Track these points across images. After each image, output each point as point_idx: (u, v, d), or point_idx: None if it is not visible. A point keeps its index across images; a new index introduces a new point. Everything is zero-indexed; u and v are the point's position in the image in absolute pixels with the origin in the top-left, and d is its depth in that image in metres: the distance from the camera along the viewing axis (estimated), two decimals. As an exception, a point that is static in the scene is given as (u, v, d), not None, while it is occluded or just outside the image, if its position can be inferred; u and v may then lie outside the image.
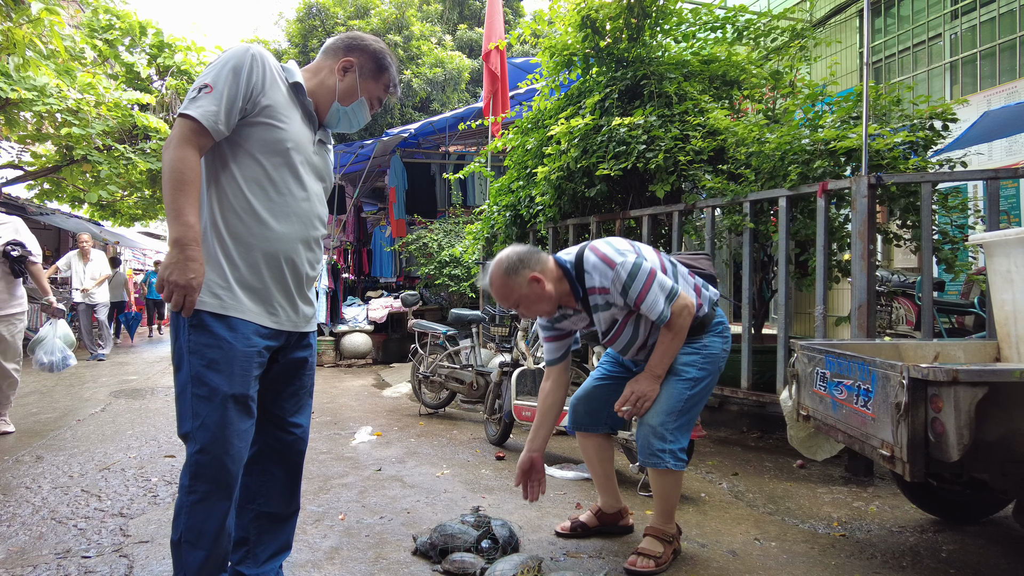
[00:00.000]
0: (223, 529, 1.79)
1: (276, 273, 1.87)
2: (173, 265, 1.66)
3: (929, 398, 1.90)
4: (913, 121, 4.00)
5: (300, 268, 1.94)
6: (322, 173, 2.03)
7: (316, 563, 2.42)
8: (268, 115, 1.83)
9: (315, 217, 1.98)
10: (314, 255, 2.01)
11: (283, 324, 1.92)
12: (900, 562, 2.45)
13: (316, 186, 1.99)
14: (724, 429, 4.68)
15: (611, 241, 2.39)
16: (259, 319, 1.85)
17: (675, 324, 2.29)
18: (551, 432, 2.60)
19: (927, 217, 3.41)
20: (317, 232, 2.00)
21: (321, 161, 2.02)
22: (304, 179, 1.92)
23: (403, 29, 14.45)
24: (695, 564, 2.43)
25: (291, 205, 1.89)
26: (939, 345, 2.88)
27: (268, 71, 1.83)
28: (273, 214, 1.85)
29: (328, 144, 2.11)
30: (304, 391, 2.10)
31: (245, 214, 1.82)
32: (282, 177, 1.87)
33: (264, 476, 2.05)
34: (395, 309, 9.51)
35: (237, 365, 1.78)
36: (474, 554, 2.36)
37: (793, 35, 5.33)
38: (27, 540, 2.63)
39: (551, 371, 2.59)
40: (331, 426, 4.91)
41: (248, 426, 1.83)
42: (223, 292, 1.79)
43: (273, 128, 1.83)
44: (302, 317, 1.99)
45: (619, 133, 4.41)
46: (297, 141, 1.89)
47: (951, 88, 6.15)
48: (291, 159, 1.87)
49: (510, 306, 2.37)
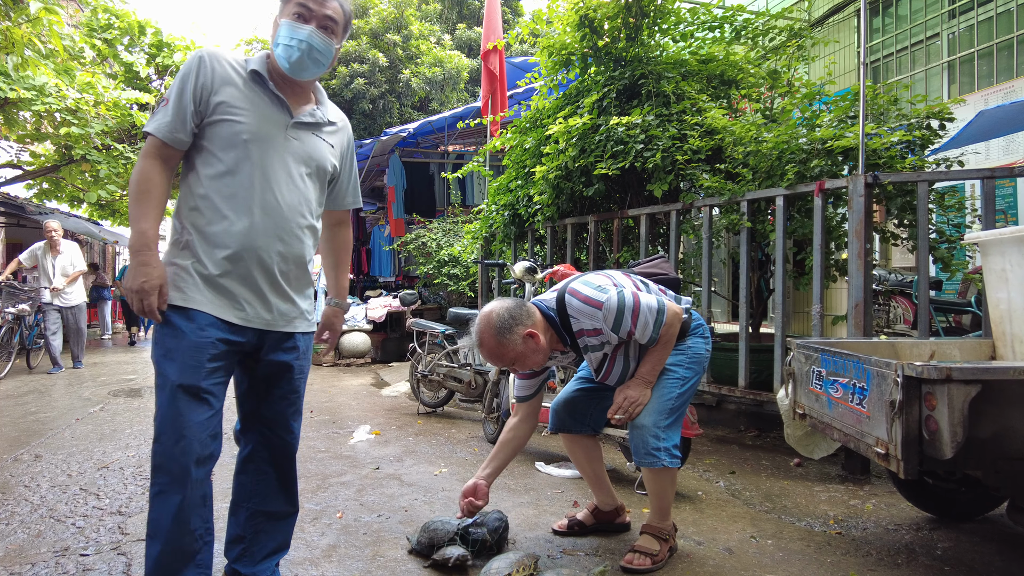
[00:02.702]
0: (179, 523, 1.76)
1: (240, 268, 1.84)
2: (129, 272, 1.77)
3: (923, 396, 1.91)
4: (910, 120, 4.01)
5: (268, 262, 1.87)
6: (305, 157, 1.95)
7: (314, 560, 2.42)
8: (223, 112, 1.82)
9: (292, 207, 1.91)
10: (291, 248, 1.92)
11: (251, 321, 1.88)
12: (895, 559, 2.46)
13: (296, 171, 1.92)
14: (721, 428, 4.69)
15: (587, 280, 2.37)
16: (221, 312, 1.83)
17: (665, 334, 2.31)
18: (505, 465, 2.61)
19: (923, 216, 3.42)
20: (296, 222, 1.92)
21: (302, 145, 1.94)
22: (271, 169, 1.87)
23: (402, 28, 14.45)
24: (691, 562, 2.44)
25: (255, 198, 1.84)
26: (935, 343, 2.89)
27: (218, 69, 1.84)
28: (234, 208, 1.82)
29: (320, 124, 2.01)
30: (293, 397, 2.05)
31: (207, 210, 1.82)
32: (243, 170, 1.83)
33: (258, 475, 2.05)
34: (394, 308, 9.51)
35: (188, 355, 1.77)
36: (459, 545, 2.37)
37: (791, 35, 5.34)
38: (25, 538, 2.63)
39: (521, 407, 2.58)
40: (329, 425, 4.92)
41: (203, 419, 1.79)
42: (186, 285, 1.81)
43: (229, 123, 1.82)
44: (278, 315, 1.93)
45: (617, 132, 4.42)
46: (257, 131, 1.85)
47: (949, 87, 6.16)
48: (250, 151, 1.83)
49: (504, 365, 2.35)
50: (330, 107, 2.10)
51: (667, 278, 2.66)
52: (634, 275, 2.52)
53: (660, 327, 2.28)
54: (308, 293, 2.06)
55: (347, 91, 13.52)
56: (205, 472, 1.82)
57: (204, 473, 1.81)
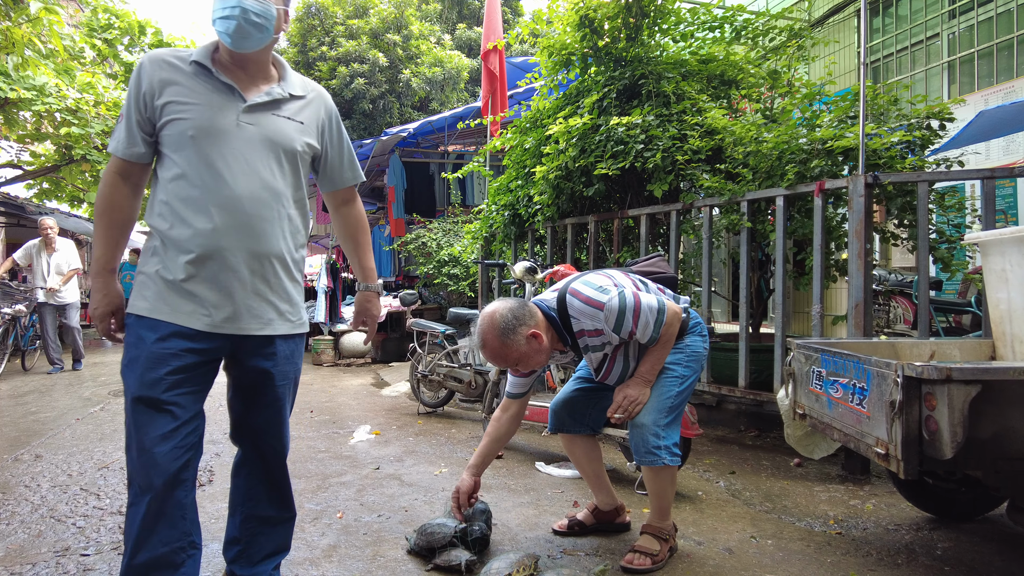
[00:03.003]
0: (150, 534, 1.71)
1: (206, 272, 1.76)
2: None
3: (923, 396, 1.91)
4: (910, 120, 4.01)
5: (235, 263, 1.77)
6: (266, 142, 1.82)
7: (314, 561, 2.43)
8: (169, 112, 1.76)
9: (257, 200, 1.79)
10: (263, 244, 1.81)
11: (220, 327, 1.78)
12: (895, 559, 2.46)
13: (258, 159, 1.80)
14: (722, 428, 4.69)
15: (587, 280, 2.37)
16: (186, 320, 1.75)
17: (665, 334, 2.31)
18: (492, 458, 2.62)
19: (923, 216, 3.42)
20: (262, 215, 1.79)
21: (260, 130, 1.81)
22: (225, 163, 1.75)
23: (402, 28, 14.45)
24: (691, 562, 2.44)
25: (212, 197, 1.74)
26: (935, 344, 2.89)
27: (158, 72, 1.77)
28: (192, 210, 1.74)
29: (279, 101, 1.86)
30: (278, 405, 1.96)
31: (168, 215, 1.76)
32: (195, 169, 1.75)
33: (250, 480, 2.02)
34: (394, 308, 9.51)
35: (146, 366, 1.71)
36: (460, 547, 2.37)
37: (791, 35, 5.34)
38: (26, 538, 2.64)
39: (511, 404, 2.57)
40: (330, 425, 4.92)
41: (165, 431, 1.71)
42: (150, 293, 1.76)
43: (175, 122, 1.75)
44: (251, 318, 1.82)
45: (617, 132, 4.42)
46: (204, 124, 1.75)
47: (949, 87, 6.16)
48: (199, 147, 1.74)
49: (507, 366, 2.34)
50: (295, 80, 1.94)
51: (665, 277, 2.67)
52: (633, 274, 2.53)
53: (660, 327, 2.29)
54: (291, 292, 1.93)
55: (347, 91, 13.52)
56: (174, 484, 1.73)
57: (173, 485, 1.73)
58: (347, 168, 2.09)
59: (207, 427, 1.87)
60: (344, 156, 2.07)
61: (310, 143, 1.92)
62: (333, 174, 2.07)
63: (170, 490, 1.72)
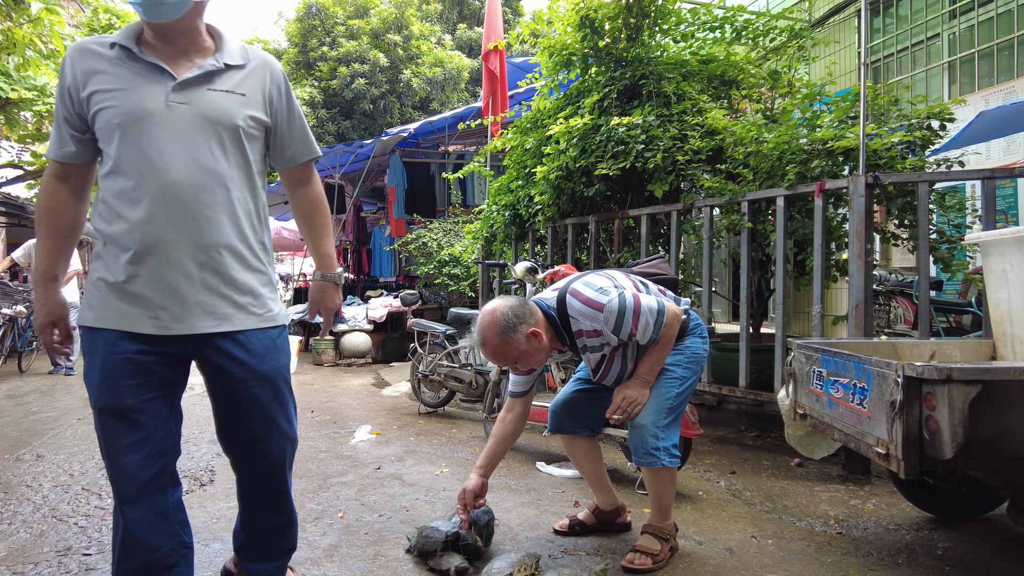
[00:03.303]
0: (134, 541, 1.67)
1: (146, 270, 1.63)
2: None
3: (923, 396, 1.91)
4: (911, 121, 4.02)
5: (178, 257, 1.63)
6: (201, 120, 1.66)
7: (315, 560, 2.43)
8: (95, 103, 1.63)
9: (194, 186, 1.64)
10: (207, 234, 1.66)
11: (170, 328, 1.65)
12: (896, 559, 2.47)
13: (194, 141, 1.64)
14: (722, 428, 4.70)
15: (588, 281, 2.37)
16: (134, 325, 1.64)
17: (664, 335, 2.32)
18: (500, 459, 2.59)
19: (924, 216, 3.43)
20: (204, 200, 1.65)
21: (192, 108, 1.65)
22: (156, 148, 1.61)
23: (403, 29, 14.46)
24: (692, 561, 2.44)
25: (144, 188, 1.61)
26: (935, 344, 2.89)
27: (81, 62, 1.65)
28: (127, 204, 1.62)
29: (213, 73, 1.70)
30: (258, 409, 1.78)
31: (106, 212, 1.65)
32: (126, 160, 1.62)
33: (244, 483, 1.93)
34: (395, 308, 9.52)
35: (104, 375, 1.63)
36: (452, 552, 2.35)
37: (791, 35, 5.35)
38: (28, 538, 2.64)
39: (515, 403, 2.56)
40: (330, 425, 4.93)
41: (134, 440, 1.64)
42: (96, 301, 1.67)
43: (102, 112, 1.63)
44: (204, 315, 1.68)
45: (618, 133, 4.42)
46: (129, 111, 1.61)
47: (949, 88, 6.17)
48: (128, 135, 1.61)
49: (507, 364, 2.34)
50: (233, 49, 1.77)
51: (665, 278, 2.67)
52: (633, 275, 2.53)
53: (660, 328, 2.29)
54: (252, 283, 1.76)
55: (348, 91, 13.53)
56: (151, 492, 1.66)
57: (150, 493, 1.66)
58: (299, 142, 1.88)
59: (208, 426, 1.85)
60: (295, 129, 1.87)
61: (255, 116, 1.75)
62: (282, 150, 1.87)
63: (148, 498, 1.66)
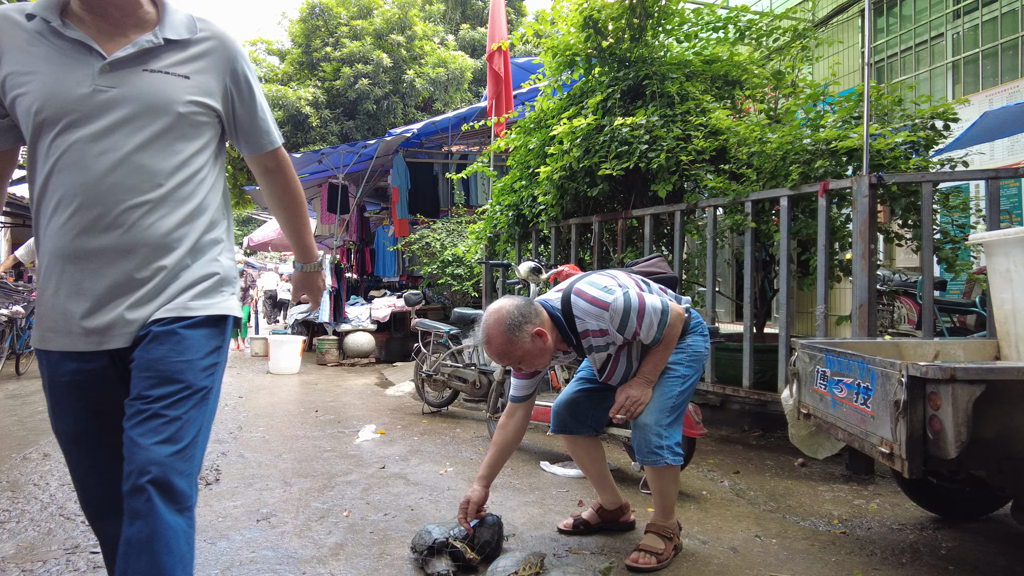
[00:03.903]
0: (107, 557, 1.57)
1: (68, 280, 1.42)
2: None
3: (927, 396, 1.92)
4: (914, 121, 4.02)
5: (97, 265, 1.41)
6: (138, 102, 1.41)
7: (321, 559, 2.44)
8: (12, 86, 1.40)
9: (119, 186, 1.40)
10: (131, 236, 1.41)
11: (103, 343, 1.44)
12: (900, 559, 2.47)
13: (124, 129, 1.41)
14: (725, 428, 4.70)
15: (592, 280, 2.37)
16: (69, 344, 1.44)
17: (668, 335, 2.33)
18: (501, 466, 2.56)
19: (928, 217, 3.43)
20: (130, 202, 1.41)
21: (124, 92, 1.40)
22: (77, 143, 1.39)
23: (406, 29, 14.49)
24: (696, 560, 2.45)
25: (67, 187, 1.39)
26: (939, 344, 2.90)
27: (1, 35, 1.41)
28: (49, 205, 1.43)
29: (150, 50, 1.44)
30: (157, 406, 1.38)
31: (36, 219, 1.47)
32: (46, 156, 1.41)
33: None
34: (398, 308, 9.54)
35: (52, 398, 1.49)
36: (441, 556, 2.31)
37: (795, 35, 5.35)
38: (36, 536, 2.66)
39: (516, 408, 2.54)
40: (335, 424, 4.94)
41: (91, 463, 1.50)
42: (37, 319, 1.49)
43: (20, 99, 1.39)
44: (106, 326, 1.43)
45: (621, 133, 4.43)
46: (49, 97, 1.37)
47: (953, 88, 6.16)
48: (48, 126, 1.39)
49: (511, 363, 2.33)
50: (176, 21, 1.50)
51: (665, 277, 2.68)
52: (634, 275, 2.54)
53: (664, 327, 2.30)
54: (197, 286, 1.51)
55: (351, 92, 13.56)
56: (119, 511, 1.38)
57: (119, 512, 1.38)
58: (262, 132, 1.64)
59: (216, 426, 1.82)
60: (256, 117, 1.62)
61: (200, 102, 1.49)
62: (244, 138, 1.63)
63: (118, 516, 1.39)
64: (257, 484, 3.38)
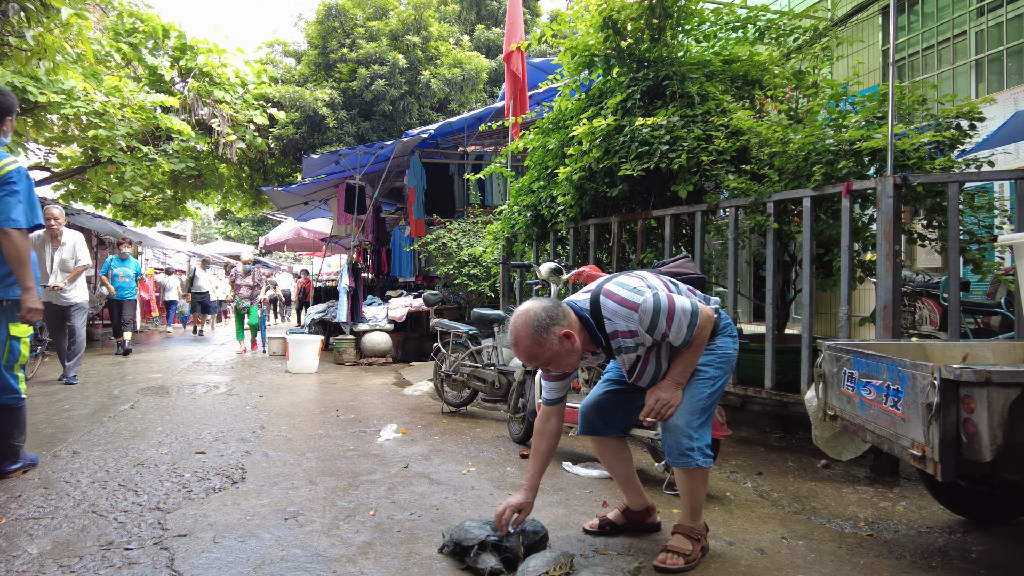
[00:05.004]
0: None
1: None
2: None
3: (961, 399, 1.91)
4: (939, 120, 3.98)
5: None
6: None
7: (351, 558, 2.47)
8: None
9: None
10: None
11: None
12: (930, 562, 2.46)
13: None
14: (746, 429, 4.69)
15: (620, 281, 2.38)
16: None
17: (698, 337, 2.32)
18: (544, 471, 2.57)
19: (954, 217, 3.40)
20: None
21: None
22: None
23: (421, 30, 14.53)
24: (724, 562, 2.45)
25: None
26: (967, 346, 2.87)
27: None
28: None
29: None
30: None
31: None
32: None
33: None
34: (415, 308, 9.58)
35: None
36: (490, 552, 2.36)
37: (815, 34, 5.32)
38: (71, 532, 2.71)
39: (550, 411, 2.56)
40: (356, 423, 4.98)
41: None
42: None
43: None
44: None
45: (642, 133, 4.43)
46: None
47: (976, 86, 6.10)
48: None
49: (539, 365, 2.35)
50: None
51: (693, 277, 2.68)
52: (662, 276, 2.54)
53: (694, 329, 2.30)
54: None
55: (367, 93, 13.62)
56: None
57: None
58: None
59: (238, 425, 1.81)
60: None
61: None
62: None
63: None
64: (283, 483, 3.42)
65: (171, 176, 13.02)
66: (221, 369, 8.49)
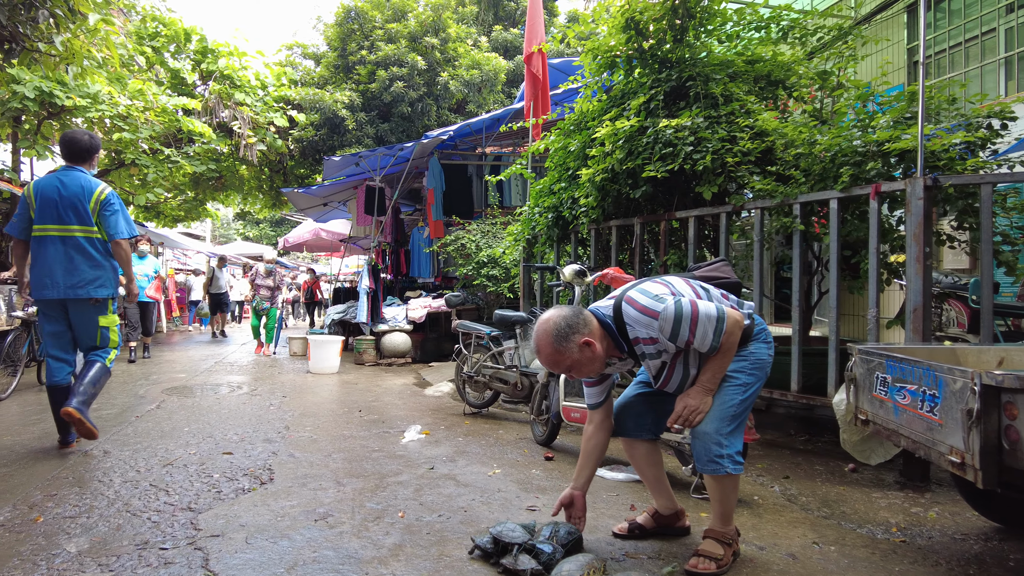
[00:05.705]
0: None
1: None
2: None
3: (1003, 405, 1.88)
4: (969, 120, 3.92)
5: None
6: None
7: (382, 560, 2.49)
8: None
9: None
10: None
11: None
12: (966, 570, 2.42)
13: None
14: (771, 432, 4.66)
15: (644, 289, 2.38)
16: None
17: (726, 343, 2.30)
18: (594, 472, 2.65)
19: (987, 219, 3.35)
20: None
21: None
22: None
23: (440, 31, 14.58)
24: (755, 566, 2.44)
25: None
26: (1003, 350, 2.83)
27: None
28: None
29: None
30: None
31: None
32: None
33: None
34: (434, 309, 9.62)
35: None
36: (528, 554, 2.38)
37: (840, 33, 5.26)
38: (107, 531, 2.76)
39: (594, 415, 2.63)
40: (379, 424, 5.01)
41: None
42: None
43: None
44: None
45: (665, 135, 4.41)
46: None
47: (1006, 84, 6.00)
48: None
49: (561, 371, 2.40)
50: None
51: (728, 282, 2.65)
52: (694, 280, 2.52)
53: (721, 335, 2.27)
54: None
55: (386, 94, 13.70)
56: None
57: None
58: None
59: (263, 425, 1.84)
60: None
61: None
62: None
63: None
64: (311, 484, 3.45)
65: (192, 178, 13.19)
66: (243, 369, 8.58)
